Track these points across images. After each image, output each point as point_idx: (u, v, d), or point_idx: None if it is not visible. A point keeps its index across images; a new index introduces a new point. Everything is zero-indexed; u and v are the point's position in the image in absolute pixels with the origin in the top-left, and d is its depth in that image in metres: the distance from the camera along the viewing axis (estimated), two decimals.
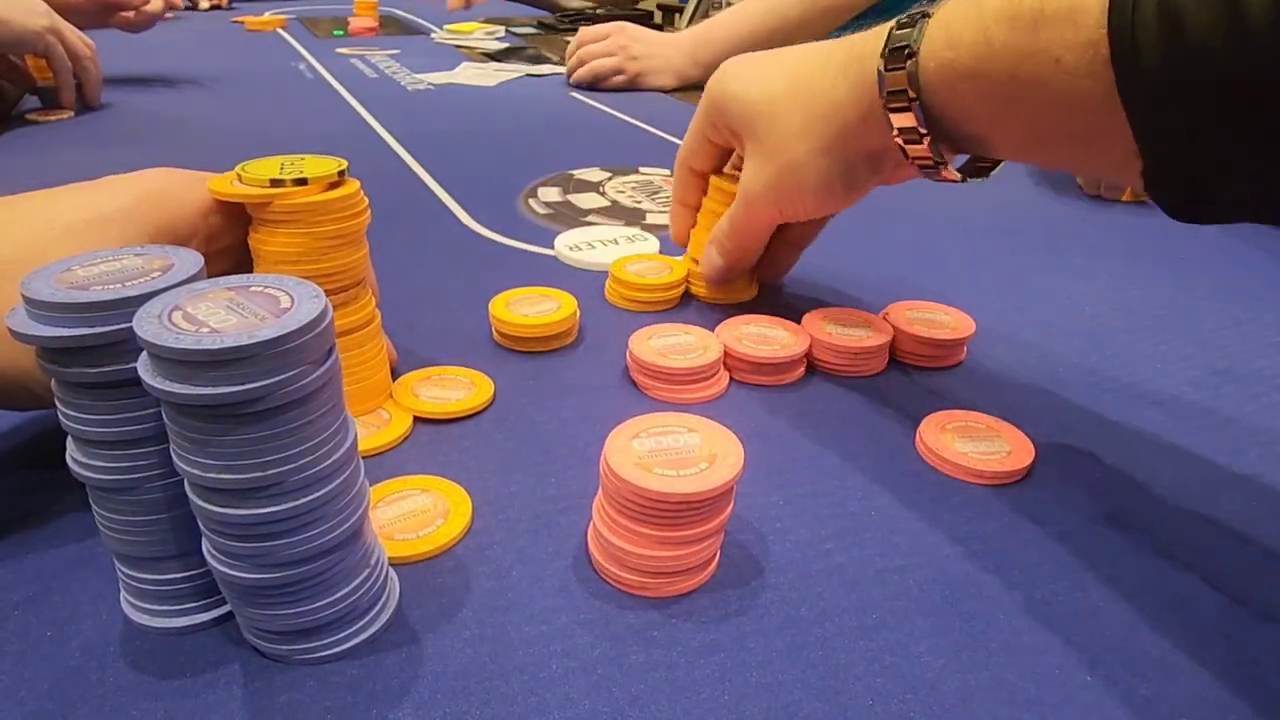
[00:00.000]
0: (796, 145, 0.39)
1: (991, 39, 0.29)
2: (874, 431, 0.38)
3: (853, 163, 0.39)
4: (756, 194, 0.42)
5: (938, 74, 0.32)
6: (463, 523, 0.30)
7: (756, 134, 0.41)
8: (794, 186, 0.40)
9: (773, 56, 0.42)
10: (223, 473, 0.21)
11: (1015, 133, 0.32)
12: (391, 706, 0.24)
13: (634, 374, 0.41)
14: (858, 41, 0.36)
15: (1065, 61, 0.27)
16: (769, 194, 0.41)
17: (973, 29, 0.30)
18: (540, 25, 1.54)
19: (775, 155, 0.40)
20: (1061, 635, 0.27)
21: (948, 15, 0.32)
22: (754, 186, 0.42)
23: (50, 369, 0.22)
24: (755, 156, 0.41)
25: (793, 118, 0.39)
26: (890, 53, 0.33)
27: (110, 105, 0.89)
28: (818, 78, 0.38)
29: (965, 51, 0.30)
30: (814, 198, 0.40)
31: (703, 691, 0.24)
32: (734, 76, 0.43)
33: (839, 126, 0.37)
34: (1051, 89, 0.28)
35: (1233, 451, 0.37)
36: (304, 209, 0.31)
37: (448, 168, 0.72)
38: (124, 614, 0.26)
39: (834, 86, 0.37)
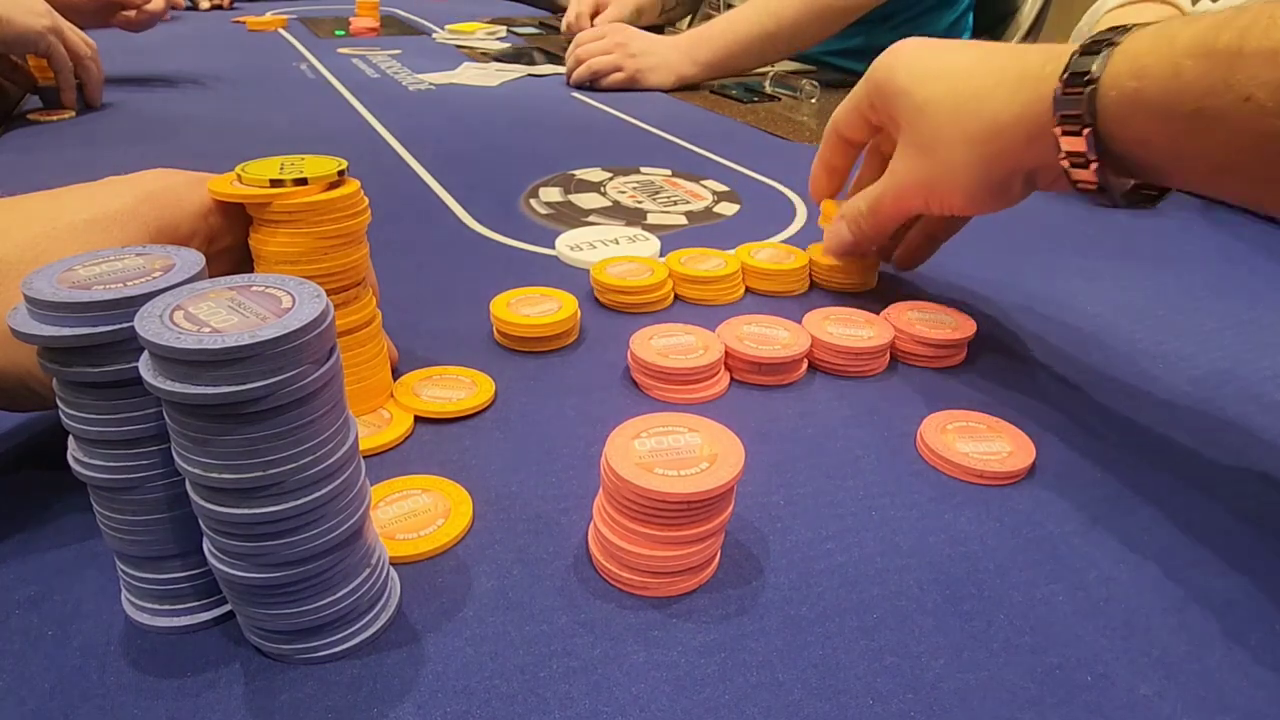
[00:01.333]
0: (957, 149, 0.39)
1: (1181, 72, 0.29)
2: (875, 431, 0.38)
3: (1010, 175, 0.39)
4: (907, 184, 0.43)
5: (1117, 102, 0.32)
6: (463, 522, 0.30)
7: (918, 129, 0.42)
8: (946, 187, 0.41)
9: (946, 54, 0.42)
10: (224, 472, 0.21)
11: (1194, 165, 0.32)
12: (392, 706, 0.24)
13: (635, 374, 0.41)
14: (1035, 60, 0.36)
15: (1257, 99, 0.27)
16: (919, 188, 0.42)
17: (1162, 61, 0.30)
18: (542, 25, 1.54)
19: (934, 153, 0.41)
20: (1061, 635, 0.27)
21: (1136, 45, 0.32)
22: (907, 177, 0.43)
23: (52, 368, 0.22)
24: (912, 148, 0.42)
25: (958, 123, 0.39)
26: (1070, 76, 0.33)
27: (112, 105, 0.89)
28: (991, 89, 0.38)
29: (1151, 82, 0.31)
30: (964, 200, 0.41)
31: (703, 691, 0.24)
32: (904, 68, 0.43)
33: (1004, 141, 0.38)
34: (1238, 125, 0.28)
35: (1234, 451, 0.37)
36: (304, 209, 0.31)
37: (449, 168, 0.72)
38: (125, 613, 0.26)
39: (1006, 102, 0.37)
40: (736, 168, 0.75)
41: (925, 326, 0.43)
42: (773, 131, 0.88)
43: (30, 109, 0.86)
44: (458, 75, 1.11)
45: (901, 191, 0.43)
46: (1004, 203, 0.41)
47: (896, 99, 0.43)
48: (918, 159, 0.42)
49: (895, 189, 0.44)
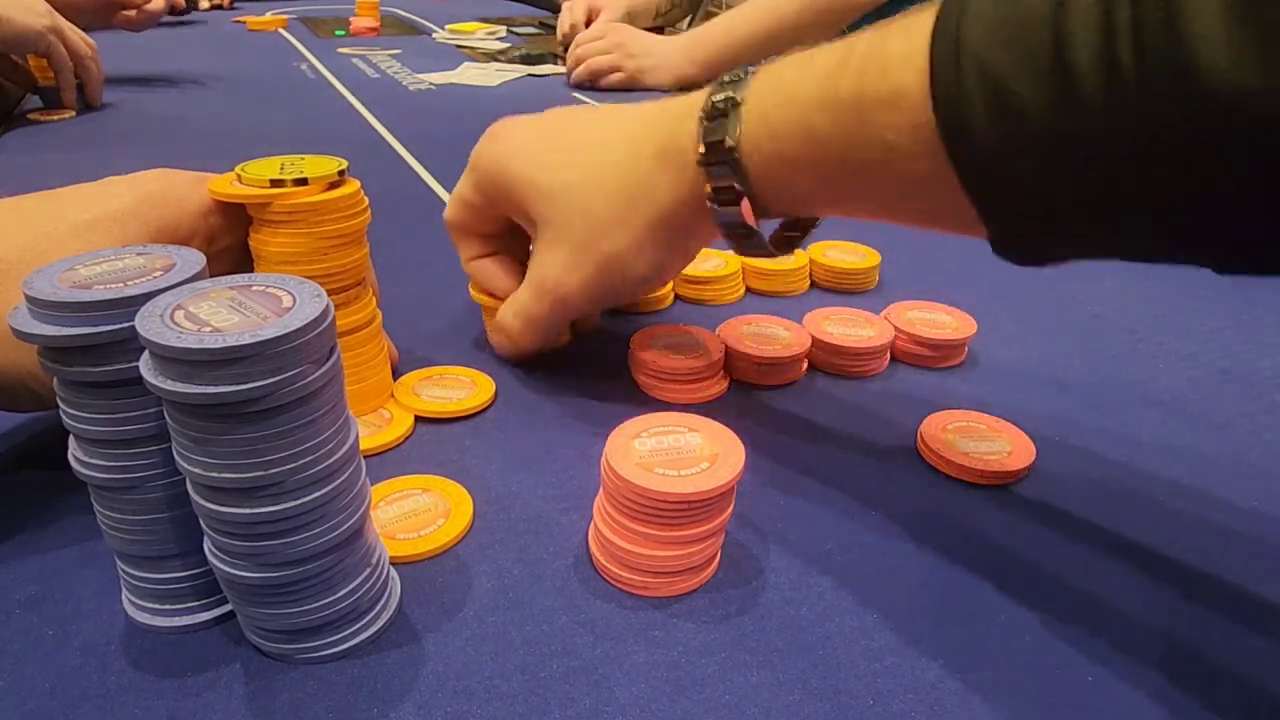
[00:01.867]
0: (617, 238, 0.35)
1: (814, 128, 0.28)
2: (875, 431, 0.38)
3: (682, 245, 0.37)
4: (569, 289, 0.37)
5: (764, 165, 0.30)
6: (464, 522, 0.30)
7: (561, 225, 0.36)
8: (620, 279, 0.36)
9: (555, 133, 0.38)
10: (224, 472, 0.21)
11: (858, 210, 0.31)
12: (393, 706, 0.24)
13: (635, 374, 0.41)
14: (664, 130, 0.34)
15: (898, 145, 0.26)
16: (586, 289, 0.37)
17: (791, 120, 0.29)
18: (542, 25, 1.54)
19: (592, 248, 0.36)
20: (1061, 635, 0.27)
21: (761, 105, 0.30)
22: (568, 282, 0.37)
23: (52, 368, 0.22)
24: (560, 247, 0.37)
25: (604, 208, 0.35)
26: (708, 147, 0.31)
27: (112, 105, 0.89)
28: (628, 169, 0.35)
29: (788, 142, 0.29)
30: (644, 285, 0.38)
31: (703, 691, 0.24)
32: (514, 155, 0.38)
33: (665, 217, 0.34)
34: (888, 171, 0.27)
35: (1234, 451, 0.37)
36: (304, 209, 0.31)
37: (449, 168, 0.72)
38: (125, 613, 0.26)
39: (651, 179, 0.34)
40: None
41: (925, 326, 0.43)
42: None
43: (30, 109, 0.86)
44: (458, 75, 1.11)
45: (561, 297, 0.37)
46: (682, 268, 0.40)
47: (519, 190, 0.37)
48: (576, 258, 0.36)
49: (553, 295, 0.37)
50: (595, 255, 0.36)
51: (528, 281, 0.39)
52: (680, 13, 1.48)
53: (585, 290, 0.37)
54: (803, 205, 0.33)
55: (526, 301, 0.39)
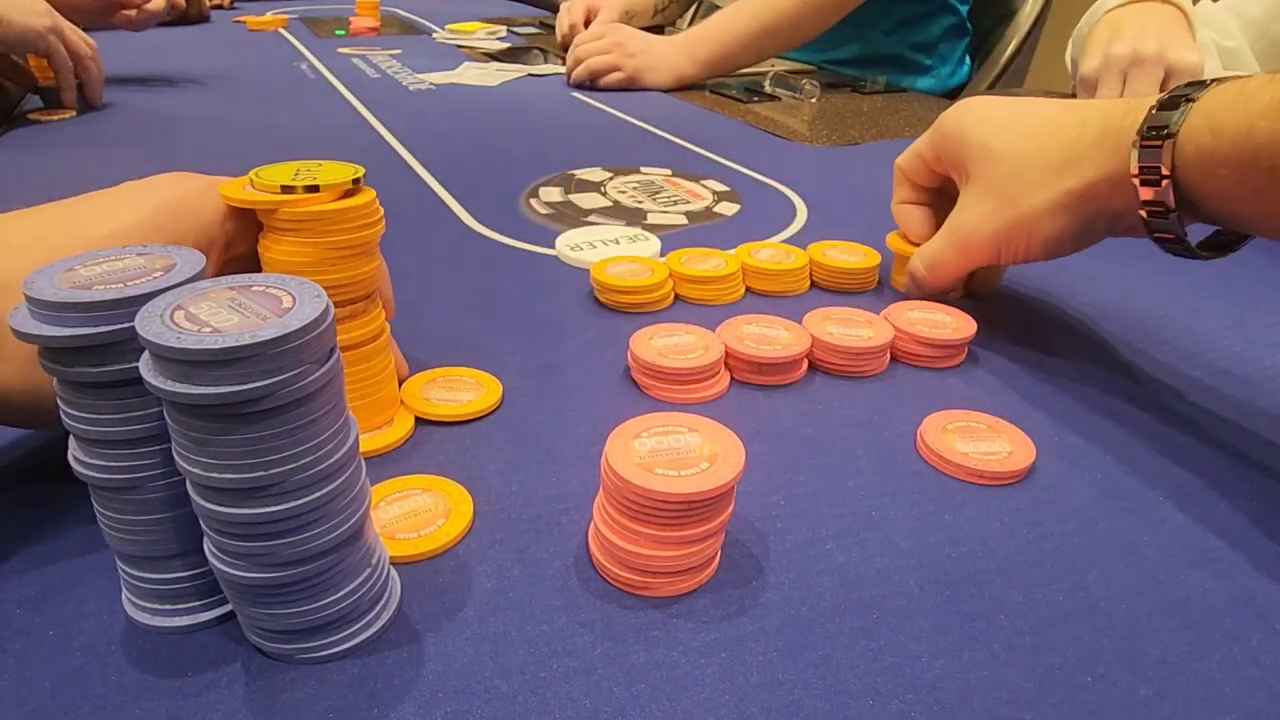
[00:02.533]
0: (1037, 196, 0.40)
1: (1255, 131, 0.31)
2: (875, 431, 0.38)
3: (1091, 222, 0.40)
4: (981, 237, 0.43)
5: (1195, 157, 0.33)
6: (464, 522, 0.30)
7: (996, 179, 0.42)
8: (1024, 235, 0.41)
9: (1019, 108, 0.43)
10: (224, 472, 0.21)
11: (1272, 219, 0.33)
12: (393, 705, 0.24)
13: (635, 374, 0.41)
14: (1114, 113, 0.38)
15: None
16: (994, 238, 0.42)
17: (1237, 120, 0.32)
18: (542, 25, 1.54)
19: (1012, 203, 0.41)
20: (1061, 635, 0.27)
21: (1213, 103, 0.33)
22: (980, 229, 0.43)
23: (53, 368, 0.22)
24: (985, 199, 0.42)
25: (1036, 171, 0.40)
26: (1148, 130, 0.34)
27: (112, 105, 0.89)
28: (1068, 142, 0.39)
29: (1226, 140, 0.32)
30: (1042, 248, 0.42)
31: (703, 691, 0.24)
32: (976, 122, 0.44)
33: (1085, 189, 0.38)
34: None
35: (1234, 452, 0.37)
36: (312, 217, 0.30)
37: (449, 167, 0.72)
38: (126, 613, 0.26)
39: (1086, 153, 0.38)
40: (737, 167, 0.75)
41: (925, 326, 0.43)
42: (773, 131, 0.88)
43: (31, 109, 0.86)
44: (458, 75, 1.11)
45: (970, 244, 0.43)
46: (1079, 248, 0.42)
47: (968, 150, 0.43)
48: (995, 209, 0.42)
49: (963, 241, 0.44)
50: (1012, 210, 0.41)
51: (946, 228, 0.45)
52: (679, 10, 1.48)
53: (993, 239, 0.42)
54: (1220, 204, 0.34)
55: (938, 245, 0.45)
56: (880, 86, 1.08)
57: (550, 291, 0.50)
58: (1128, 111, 0.37)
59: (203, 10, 1.51)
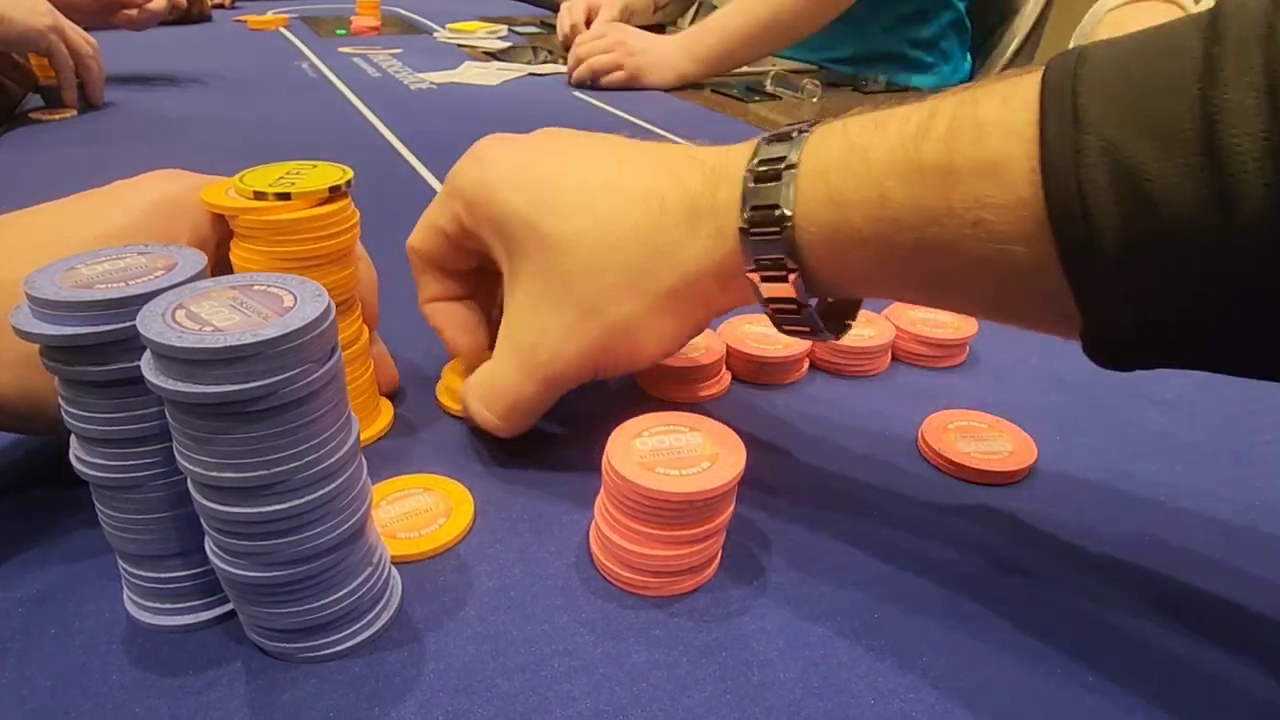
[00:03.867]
0: (627, 304, 0.30)
1: (888, 197, 0.25)
2: (876, 431, 0.38)
3: (702, 315, 0.32)
4: (567, 360, 0.31)
5: (822, 237, 0.27)
6: (465, 521, 0.30)
7: (559, 278, 0.31)
8: (625, 353, 0.32)
9: (557, 165, 0.33)
10: (225, 471, 0.21)
11: (925, 297, 0.28)
12: (394, 704, 0.24)
13: (636, 373, 0.41)
14: (699, 186, 0.30)
15: (988, 224, 0.23)
16: (583, 360, 0.32)
17: (861, 184, 0.25)
18: (543, 24, 1.54)
19: (597, 313, 0.31)
20: (1062, 635, 0.27)
21: (823, 164, 0.26)
22: (564, 350, 0.31)
23: (54, 367, 0.22)
24: (558, 307, 0.31)
25: (615, 268, 0.30)
26: (755, 213, 0.27)
27: (113, 104, 0.89)
28: (649, 227, 0.30)
29: (855, 212, 0.26)
30: (649, 358, 0.33)
31: (704, 690, 0.24)
32: (506, 186, 0.32)
33: (688, 289, 0.30)
34: (971, 255, 0.24)
35: (1235, 451, 0.37)
36: (267, 226, 0.30)
37: (449, 167, 0.71)
38: (127, 612, 0.26)
39: (677, 243, 0.30)
40: None
41: (926, 326, 0.43)
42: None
43: (32, 108, 0.86)
44: (459, 74, 1.11)
45: (553, 370, 0.32)
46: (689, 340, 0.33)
47: (512, 231, 0.32)
48: (577, 322, 0.31)
49: (543, 368, 0.32)
50: (600, 323, 0.31)
51: (509, 349, 0.33)
52: (679, 8, 1.48)
53: (582, 362, 0.32)
54: (858, 286, 0.28)
55: (511, 378, 0.32)
56: (881, 85, 1.08)
57: None
58: (714, 181, 0.29)
59: (204, 9, 1.51)
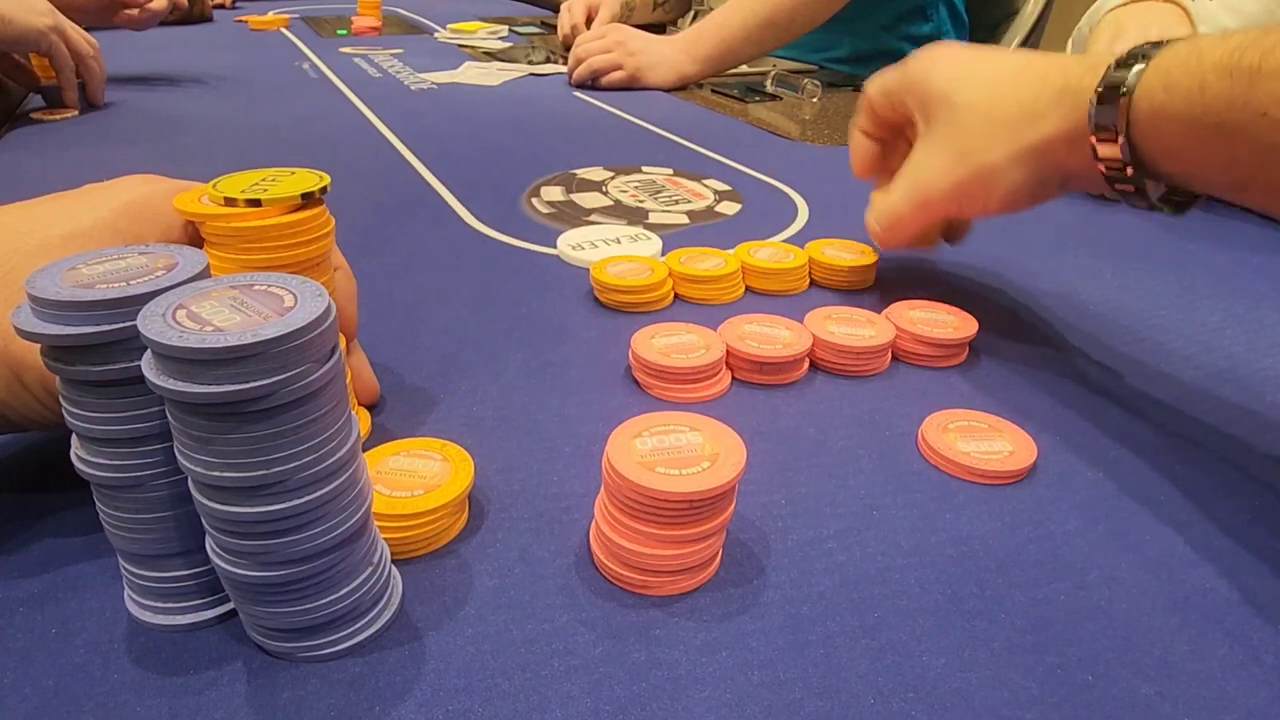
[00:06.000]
0: (995, 150, 0.40)
1: (1206, 86, 0.31)
2: (876, 431, 0.38)
3: (1047, 178, 0.40)
4: (940, 191, 0.42)
5: (1148, 113, 0.33)
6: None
7: (955, 132, 0.42)
8: (981, 188, 0.41)
9: (985, 60, 0.43)
10: (226, 471, 0.21)
11: (1218, 175, 0.33)
12: (394, 704, 0.24)
13: (636, 373, 0.41)
14: (1074, 70, 0.38)
15: (1272, 115, 0.28)
16: (952, 192, 0.42)
17: (1190, 76, 0.32)
18: (544, 25, 1.54)
19: (972, 157, 0.41)
20: (1062, 635, 0.27)
21: (1169, 60, 0.33)
22: (938, 183, 0.42)
23: (55, 367, 0.22)
24: (943, 152, 0.42)
25: (995, 125, 0.40)
26: (1105, 89, 0.35)
27: (114, 104, 0.89)
28: (1028, 98, 0.39)
29: (1178, 96, 0.32)
30: (998, 202, 0.41)
31: (704, 690, 0.24)
32: (941, 72, 0.44)
33: (1044, 145, 0.39)
34: (1256, 139, 0.30)
35: (1235, 452, 0.37)
36: (234, 234, 0.29)
37: (450, 167, 0.72)
38: (128, 611, 0.26)
39: (1044, 109, 0.38)
40: (738, 167, 0.75)
41: (927, 326, 0.43)
42: (774, 131, 0.88)
43: (33, 108, 0.86)
44: (459, 74, 1.11)
45: (928, 198, 0.43)
46: (1034, 203, 0.42)
47: (931, 99, 0.43)
48: (953, 162, 0.42)
49: (921, 195, 0.43)
50: (971, 163, 0.41)
51: (901, 180, 0.44)
52: (679, 7, 1.49)
53: (951, 193, 0.42)
54: (1168, 163, 0.35)
55: (894, 199, 0.44)
56: None
57: (552, 291, 0.50)
58: (1087, 70, 0.37)
59: (205, 10, 1.51)
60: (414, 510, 0.28)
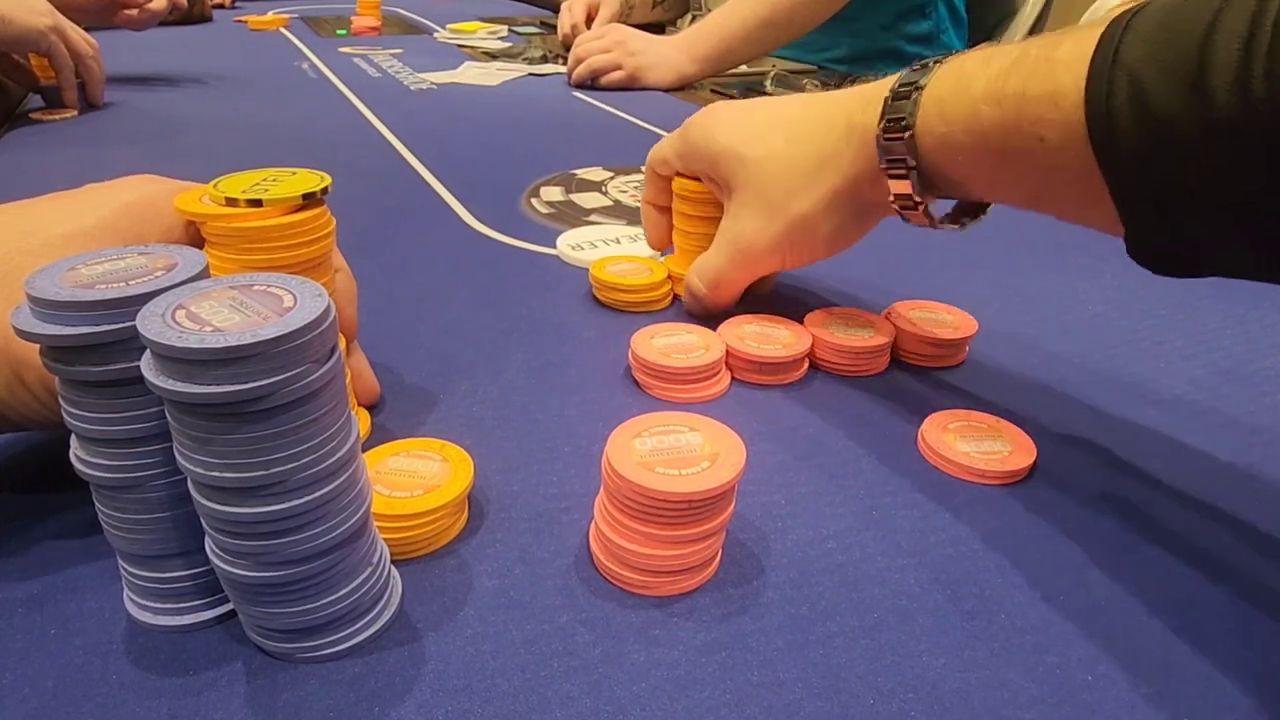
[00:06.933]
0: (805, 200, 0.40)
1: (980, 116, 0.32)
2: (876, 431, 0.38)
3: (864, 212, 0.41)
4: (762, 248, 0.42)
5: (933, 145, 0.34)
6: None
7: (756, 188, 0.42)
8: (804, 239, 0.41)
9: (762, 111, 0.43)
10: (225, 471, 0.21)
11: (1010, 194, 0.34)
12: (393, 704, 0.24)
13: (636, 373, 0.41)
14: (854, 107, 0.38)
15: (1049, 139, 0.29)
16: (774, 247, 0.42)
17: (963, 107, 0.33)
18: (543, 25, 1.54)
19: (782, 210, 0.41)
20: (1062, 635, 0.27)
21: (940, 91, 0.34)
22: (759, 240, 0.42)
23: (54, 367, 0.22)
24: (755, 210, 0.42)
25: (797, 176, 0.40)
26: (887, 123, 0.35)
27: (114, 104, 0.89)
28: (820, 141, 0.40)
29: (957, 127, 0.33)
30: (826, 247, 0.42)
31: (704, 690, 0.24)
32: (721, 129, 0.43)
33: (848, 185, 0.39)
34: (1038, 161, 0.30)
35: (1235, 451, 0.37)
36: (235, 234, 0.29)
37: (450, 167, 0.72)
38: (127, 612, 0.26)
39: (839, 150, 0.39)
40: None
41: (927, 326, 0.43)
42: None
43: (32, 108, 0.86)
44: (459, 74, 1.11)
45: (752, 256, 0.43)
46: (859, 236, 0.42)
47: (723, 160, 0.43)
48: (767, 220, 0.41)
49: (743, 255, 0.43)
50: (785, 217, 0.41)
51: (721, 241, 0.44)
52: (679, 6, 1.49)
53: (775, 248, 0.42)
54: (963, 186, 0.36)
55: (717, 260, 0.44)
56: None
57: (551, 291, 0.50)
58: (866, 104, 0.37)
59: (205, 10, 1.51)
60: (414, 510, 0.28)
